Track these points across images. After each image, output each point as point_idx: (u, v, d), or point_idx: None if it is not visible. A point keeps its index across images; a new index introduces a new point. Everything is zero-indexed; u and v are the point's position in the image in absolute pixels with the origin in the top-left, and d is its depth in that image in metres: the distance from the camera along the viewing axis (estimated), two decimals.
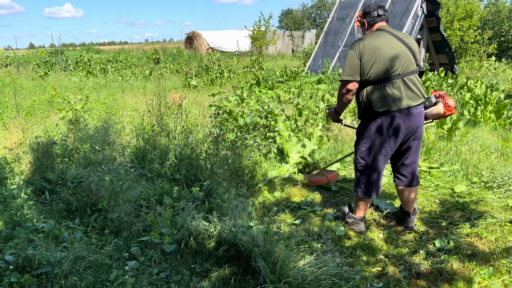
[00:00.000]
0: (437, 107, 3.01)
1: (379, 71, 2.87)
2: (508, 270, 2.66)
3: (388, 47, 2.89)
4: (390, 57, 2.86)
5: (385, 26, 3.06)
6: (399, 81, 2.88)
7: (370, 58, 2.86)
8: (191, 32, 30.16)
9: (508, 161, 4.55)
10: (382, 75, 2.87)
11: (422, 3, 10.52)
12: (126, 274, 2.53)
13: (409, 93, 2.91)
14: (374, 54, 2.86)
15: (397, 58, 2.87)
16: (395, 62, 2.86)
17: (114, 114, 6.81)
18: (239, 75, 13.19)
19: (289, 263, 2.42)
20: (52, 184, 3.87)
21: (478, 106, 6.66)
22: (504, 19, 17.47)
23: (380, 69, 2.86)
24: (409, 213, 3.30)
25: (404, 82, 2.90)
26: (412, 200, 3.27)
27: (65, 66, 15.81)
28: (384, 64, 2.86)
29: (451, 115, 2.96)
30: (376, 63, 2.85)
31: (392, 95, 2.87)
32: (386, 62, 2.85)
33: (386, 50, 2.87)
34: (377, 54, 2.86)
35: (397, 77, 2.88)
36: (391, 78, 2.88)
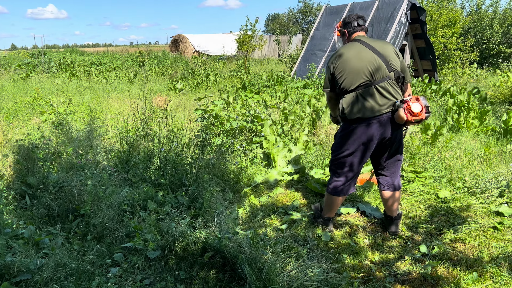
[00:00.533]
0: (398, 112, 2.97)
1: (349, 82, 3.02)
2: (492, 276, 2.69)
3: (357, 59, 3.01)
4: (357, 69, 2.99)
5: (361, 36, 3.17)
6: (372, 88, 2.98)
7: (340, 71, 3.05)
8: (177, 35, 30.03)
9: (490, 167, 4.61)
10: (353, 85, 3.01)
11: (407, 10, 10.68)
12: (109, 281, 2.47)
13: (382, 100, 2.99)
14: (343, 67, 3.03)
15: (365, 68, 2.98)
16: (363, 73, 2.98)
17: (97, 117, 6.70)
18: (225, 79, 13.17)
19: (275, 269, 2.40)
20: (33, 189, 3.78)
21: (461, 112, 6.76)
22: (486, 27, 17.84)
23: (349, 80, 3.01)
24: (393, 217, 3.35)
25: (377, 89, 2.99)
26: (394, 205, 3.32)
27: (48, 68, 15.56)
28: (352, 76, 3.00)
29: (421, 121, 2.97)
30: (344, 75, 3.03)
31: (364, 103, 2.98)
32: (354, 74, 2.99)
33: (354, 62, 3.00)
34: (346, 67, 3.02)
35: (368, 85, 2.99)
36: (362, 87, 2.99)
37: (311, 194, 4.21)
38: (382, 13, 11.18)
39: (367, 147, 3.07)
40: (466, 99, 7.61)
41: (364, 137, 3.03)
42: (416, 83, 9.52)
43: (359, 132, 3.03)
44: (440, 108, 7.91)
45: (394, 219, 3.35)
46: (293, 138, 5.60)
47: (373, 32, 11.13)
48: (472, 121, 6.49)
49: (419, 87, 9.36)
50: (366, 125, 3.01)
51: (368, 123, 3.00)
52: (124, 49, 39.64)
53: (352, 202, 3.96)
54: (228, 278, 2.60)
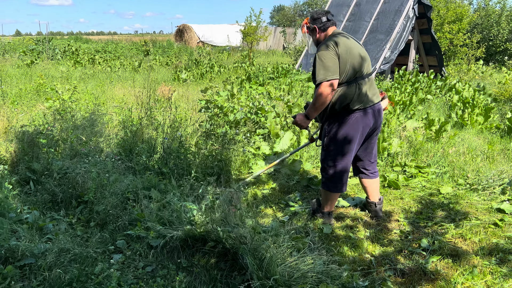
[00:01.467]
0: (384, 102, 3.34)
1: (355, 69, 2.99)
2: (491, 272, 2.70)
3: (357, 47, 3.06)
4: (361, 56, 3.03)
5: (340, 31, 3.18)
6: (366, 80, 3.09)
7: (346, 57, 2.96)
8: (182, 25, 29.92)
9: (494, 164, 4.61)
10: (357, 73, 3.02)
11: (414, 4, 10.60)
12: (112, 267, 2.50)
13: (373, 90, 3.15)
14: (348, 53, 2.97)
15: (365, 58, 3.08)
16: (364, 61, 3.06)
17: (102, 105, 6.72)
18: (229, 70, 13.14)
19: (276, 260, 2.42)
20: (37, 175, 3.80)
21: (466, 109, 6.74)
22: (493, 23, 17.70)
23: (355, 68, 2.99)
24: (375, 203, 3.50)
25: (369, 80, 3.13)
26: (376, 189, 3.49)
27: (53, 55, 15.55)
28: (358, 63, 3.00)
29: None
30: (351, 62, 2.97)
31: (364, 92, 3.06)
32: (359, 61, 3.01)
33: (357, 49, 3.03)
34: (351, 53, 2.98)
35: (366, 75, 3.08)
36: (362, 76, 3.06)
37: (312, 186, 4.23)
38: (389, 7, 11.10)
39: (362, 137, 3.17)
40: (471, 95, 7.58)
41: (361, 127, 3.10)
42: (421, 79, 9.48)
43: (358, 122, 3.08)
44: (445, 104, 7.89)
45: (376, 204, 3.50)
46: (296, 131, 5.60)
47: (379, 26, 11.06)
48: (476, 118, 6.47)
49: (424, 82, 9.32)
50: (363, 115, 3.08)
51: (365, 112, 3.08)
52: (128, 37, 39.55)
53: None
54: (229, 267, 2.62)
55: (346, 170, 3.23)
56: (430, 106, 7.85)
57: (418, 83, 9.12)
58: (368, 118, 3.10)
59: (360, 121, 3.08)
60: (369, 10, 11.57)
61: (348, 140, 3.11)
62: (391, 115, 6.05)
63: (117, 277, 2.36)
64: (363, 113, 3.07)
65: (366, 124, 3.11)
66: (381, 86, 9.69)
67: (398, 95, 7.72)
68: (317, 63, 2.98)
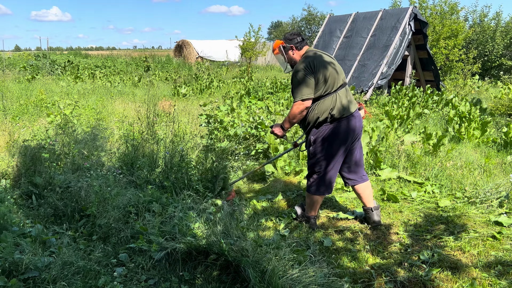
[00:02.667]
0: (361, 112, 3.62)
1: (333, 82, 3.23)
2: (490, 284, 2.73)
3: (331, 62, 3.29)
4: (336, 70, 3.28)
5: (312, 48, 3.43)
6: (343, 89, 3.32)
7: (323, 73, 3.19)
8: (181, 41, 30.21)
9: (491, 177, 4.67)
10: (335, 86, 3.25)
11: (410, 21, 10.79)
12: (115, 280, 2.52)
13: (349, 98, 3.36)
14: (325, 69, 3.21)
15: (339, 71, 3.33)
16: (339, 74, 3.31)
17: (103, 120, 6.78)
18: (228, 85, 13.26)
19: (278, 273, 2.45)
20: (40, 189, 3.83)
21: (462, 123, 6.82)
22: (488, 39, 17.97)
23: (333, 80, 3.24)
24: (371, 208, 3.61)
25: (346, 90, 3.35)
26: (370, 194, 3.62)
27: (52, 70, 15.68)
28: (333, 76, 3.24)
29: None
30: (329, 76, 3.21)
31: (343, 102, 3.27)
32: (335, 75, 3.25)
33: (331, 64, 3.27)
34: (327, 69, 3.22)
35: (342, 86, 3.32)
36: (340, 88, 3.29)
37: None
38: (385, 23, 11.29)
39: (347, 144, 3.36)
40: (467, 110, 7.68)
41: (346, 134, 3.31)
42: (418, 93, 9.59)
43: (342, 130, 3.29)
44: (442, 119, 7.98)
45: (373, 209, 3.61)
46: None
47: (376, 42, 11.23)
48: (473, 132, 6.55)
49: (421, 97, 9.43)
50: (347, 123, 3.29)
51: (348, 120, 3.29)
52: (127, 52, 39.84)
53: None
54: (231, 280, 2.65)
55: (331, 176, 3.43)
56: (427, 120, 7.94)
57: (415, 97, 9.23)
58: (350, 126, 3.30)
59: (343, 129, 3.28)
60: (366, 27, 11.77)
61: (333, 148, 3.32)
62: (389, 129, 6.12)
63: None
64: (345, 121, 3.28)
65: (349, 132, 3.31)
66: (379, 100, 9.80)
67: (395, 110, 7.81)
68: (294, 82, 3.25)
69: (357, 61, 11.37)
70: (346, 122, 3.28)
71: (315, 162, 3.41)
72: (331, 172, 3.40)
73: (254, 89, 11.11)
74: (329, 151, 3.33)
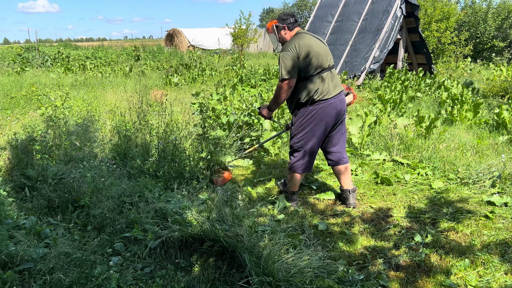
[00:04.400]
0: (349, 97, 3.71)
1: (316, 65, 3.31)
2: (483, 262, 2.77)
3: (317, 45, 3.35)
4: (320, 53, 3.33)
5: (303, 30, 3.51)
6: (328, 72, 3.40)
7: (306, 56, 3.27)
8: (172, 30, 29.90)
9: (483, 158, 4.70)
10: (318, 68, 3.33)
11: (401, 4, 10.73)
12: (111, 269, 2.52)
13: (335, 82, 3.46)
14: (309, 52, 3.27)
15: (325, 53, 3.39)
16: (325, 57, 3.37)
17: (94, 111, 6.72)
18: (220, 73, 13.18)
19: (273, 257, 2.46)
20: (32, 181, 3.81)
21: (455, 105, 6.85)
22: (480, 21, 17.94)
23: (318, 63, 3.32)
24: (349, 190, 3.74)
25: (331, 73, 3.44)
26: (348, 176, 3.75)
27: (42, 62, 15.48)
28: (317, 59, 3.31)
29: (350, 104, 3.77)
30: (312, 59, 3.29)
31: (327, 84, 3.38)
32: (319, 57, 3.32)
33: (317, 47, 3.33)
34: (312, 51, 3.28)
35: (327, 69, 3.39)
36: (323, 70, 3.36)
37: (305, 185, 4.28)
38: (377, 7, 11.23)
39: (328, 125, 3.47)
40: (460, 92, 7.70)
41: (327, 116, 3.41)
42: (410, 77, 9.59)
43: (324, 112, 3.39)
44: (434, 101, 8.00)
45: (351, 192, 3.74)
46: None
47: (368, 26, 11.18)
48: (465, 114, 6.58)
49: (413, 80, 9.44)
50: (328, 105, 3.39)
51: (330, 103, 3.39)
52: (118, 43, 39.43)
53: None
54: (227, 266, 2.66)
55: (312, 155, 3.57)
56: (420, 103, 7.96)
57: (408, 81, 9.23)
58: (332, 108, 3.40)
59: (324, 110, 3.39)
60: (358, 11, 11.70)
61: (314, 128, 3.44)
62: (382, 113, 6.13)
63: (117, 278, 2.39)
64: (327, 103, 3.38)
65: (331, 114, 3.42)
66: (372, 85, 9.79)
67: (388, 94, 7.82)
68: (280, 62, 3.33)
69: (349, 45, 11.33)
70: (329, 104, 3.39)
71: (297, 141, 3.54)
72: (312, 152, 3.55)
73: (247, 76, 11.05)
74: (310, 131, 3.45)
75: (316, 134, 3.46)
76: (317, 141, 3.50)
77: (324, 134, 3.51)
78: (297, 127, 3.51)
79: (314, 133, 3.45)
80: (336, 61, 11.34)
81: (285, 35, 3.50)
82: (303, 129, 3.47)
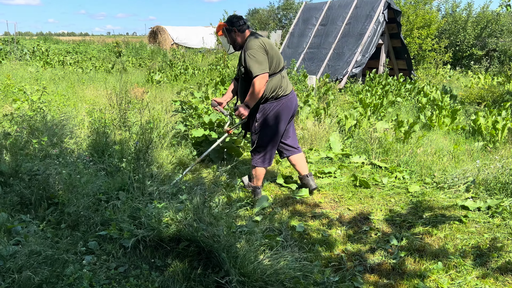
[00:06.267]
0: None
1: (278, 63, 3.59)
2: (455, 265, 2.82)
3: (274, 46, 3.63)
4: (278, 53, 3.61)
5: (255, 32, 3.70)
6: (284, 71, 3.72)
7: (272, 53, 3.53)
8: (156, 27, 29.62)
9: (459, 164, 4.80)
10: (279, 67, 3.62)
11: (384, 10, 10.88)
12: (84, 268, 2.47)
13: (288, 80, 3.76)
14: (272, 50, 3.54)
15: (280, 53, 3.72)
16: (281, 56, 3.67)
17: (73, 107, 6.60)
18: (204, 72, 13.11)
19: (249, 258, 2.46)
20: (5, 177, 3.70)
21: (434, 111, 6.97)
22: (460, 29, 18.32)
23: (278, 61, 3.60)
24: (306, 175, 4.02)
25: (285, 72, 3.75)
26: (305, 163, 4.05)
27: (21, 55, 15.12)
28: (278, 58, 3.61)
29: None
30: (275, 57, 3.56)
31: (285, 81, 3.69)
32: (279, 56, 3.63)
33: (275, 48, 3.62)
34: (273, 50, 3.55)
35: (283, 68, 3.70)
36: (282, 69, 3.67)
37: (286, 187, 4.29)
38: (360, 11, 11.35)
39: (288, 118, 3.74)
40: (438, 98, 7.84)
41: (288, 111, 3.70)
42: (391, 82, 9.73)
43: (284, 107, 3.66)
44: (414, 107, 8.13)
45: (308, 175, 4.02)
46: None
47: (351, 30, 11.29)
48: (443, 120, 6.70)
49: (394, 85, 9.57)
50: (287, 100, 3.68)
51: (288, 98, 3.69)
52: (101, 38, 38.84)
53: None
54: (203, 266, 2.64)
55: (273, 150, 3.81)
56: (400, 108, 8.08)
57: (388, 86, 9.36)
58: (291, 103, 3.72)
59: (285, 106, 3.67)
60: (341, 15, 11.81)
61: (277, 123, 3.68)
62: (362, 117, 6.19)
63: (89, 277, 2.35)
64: (287, 99, 3.67)
65: (290, 109, 3.73)
66: (353, 88, 9.89)
67: (369, 98, 7.90)
68: (249, 59, 3.43)
69: (332, 49, 11.42)
70: (287, 100, 3.68)
71: (260, 137, 3.71)
72: (274, 146, 3.78)
73: (230, 76, 11.01)
74: (273, 126, 3.68)
75: (279, 128, 3.71)
76: (279, 134, 3.75)
77: (284, 127, 3.76)
78: (262, 122, 3.68)
79: (277, 126, 3.69)
80: (319, 64, 11.42)
81: (236, 37, 3.65)
82: (268, 124, 3.67)
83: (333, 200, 4.03)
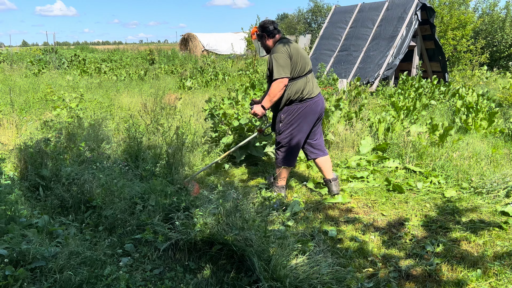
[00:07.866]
0: None
1: (303, 67, 3.69)
2: (495, 273, 2.72)
3: (301, 50, 3.75)
4: (304, 57, 3.73)
5: (285, 37, 3.83)
6: (311, 74, 3.81)
7: (297, 57, 3.64)
8: (187, 34, 30.17)
9: (498, 168, 4.63)
10: (305, 70, 3.71)
11: (417, 10, 10.66)
12: (121, 270, 2.54)
13: (315, 83, 3.85)
14: (298, 54, 3.65)
15: (307, 58, 3.79)
16: (308, 60, 3.77)
17: (109, 113, 6.81)
18: (234, 78, 13.23)
19: (282, 262, 2.46)
20: (46, 181, 3.87)
21: (470, 114, 6.76)
22: (497, 29, 17.70)
23: (304, 65, 3.70)
24: (330, 179, 4.07)
25: (312, 75, 3.83)
26: (330, 166, 4.09)
27: (59, 64, 15.74)
28: (304, 61, 3.71)
29: None
30: (301, 61, 3.67)
31: (312, 84, 3.77)
32: (305, 60, 3.73)
33: (302, 51, 3.73)
34: (300, 54, 3.67)
35: (310, 71, 3.79)
36: (309, 72, 3.76)
37: (315, 192, 4.27)
38: (392, 14, 11.17)
39: (312, 121, 3.81)
40: (474, 100, 7.60)
41: (312, 112, 3.77)
42: (424, 84, 9.51)
43: (309, 109, 3.74)
44: (449, 110, 7.91)
45: (332, 180, 4.07)
46: None
47: (382, 32, 11.13)
48: (480, 123, 6.48)
49: (427, 88, 9.35)
50: (313, 103, 3.75)
51: (314, 101, 3.76)
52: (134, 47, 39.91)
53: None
54: (236, 269, 2.66)
55: (297, 149, 3.88)
56: (434, 111, 7.88)
57: (422, 88, 9.15)
58: (317, 106, 3.78)
59: (310, 108, 3.74)
60: (372, 17, 11.66)
61: (301, 124, 3.75)
62: (395, 120, 6.08)
63: (126, 279, 2.41)
64: (312, 101, 3.74)
65: (315, 111, 3.79)
66: (385, 91, 9.73)
67: (402, 101, 7.75)
68: (274, 63, 3.59)
69: (363, 51, 11.28)
70: (313, 102, 3.75)
71: (284, 137, 3.81)
72: (297, 147, 3.85)
73: (260, 81, 11.07)
74: (296, 127, 3.76)
75: (303, 130, 3.79)
76: (303, 136, 3.82)
77: (308, 129, 3.84)
78: (286, 123, 3.78)
79: (301, 128, 3.77)
80: (350, 67, 11.30)
81: (267, 41, 3.82)
82: (292, 125, 3.76)
83: (366, 205, 3.97)
